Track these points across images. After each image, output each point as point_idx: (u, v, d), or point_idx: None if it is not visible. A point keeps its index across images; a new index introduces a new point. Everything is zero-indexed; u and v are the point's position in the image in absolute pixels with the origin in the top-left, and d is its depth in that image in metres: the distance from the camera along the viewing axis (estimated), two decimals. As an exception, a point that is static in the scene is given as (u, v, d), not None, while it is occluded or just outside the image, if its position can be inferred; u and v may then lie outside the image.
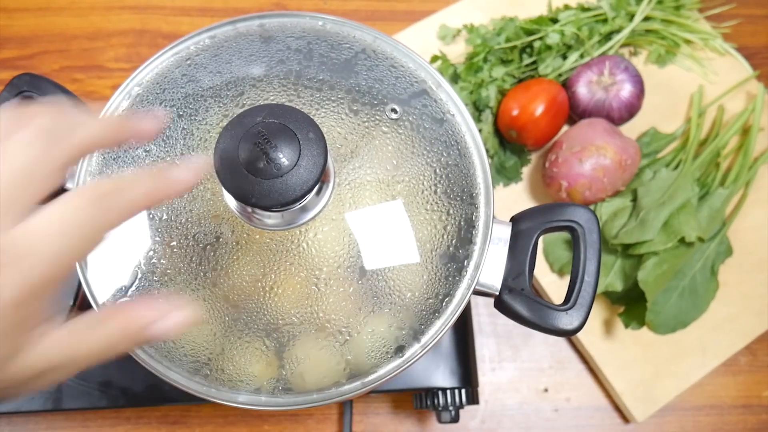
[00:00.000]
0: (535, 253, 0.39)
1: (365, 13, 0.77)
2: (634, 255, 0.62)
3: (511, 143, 0.69)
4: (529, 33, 0.70)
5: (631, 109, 0.67)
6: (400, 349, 0.37)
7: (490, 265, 0.38)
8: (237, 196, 0.30)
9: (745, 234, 0.67)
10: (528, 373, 0.65)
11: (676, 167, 0.67)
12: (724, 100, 0.72)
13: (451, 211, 0.38)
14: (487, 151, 0.68)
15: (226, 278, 0.37)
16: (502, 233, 0.39)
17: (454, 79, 0.70)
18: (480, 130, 0.67)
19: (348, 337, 0.37)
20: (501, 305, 0.38)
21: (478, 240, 0.38)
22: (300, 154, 0.31)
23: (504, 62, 0.70)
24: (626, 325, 0.62)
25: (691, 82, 0.73)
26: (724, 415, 0.64)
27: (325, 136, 0.32)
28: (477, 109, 0.68)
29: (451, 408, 0.54)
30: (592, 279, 0.37)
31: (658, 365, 0.63)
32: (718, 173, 0.67)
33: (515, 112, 0.65)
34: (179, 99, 0.39)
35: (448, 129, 0.40)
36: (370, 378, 0.37)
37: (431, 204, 0.38)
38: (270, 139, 0.31)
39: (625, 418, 0.64)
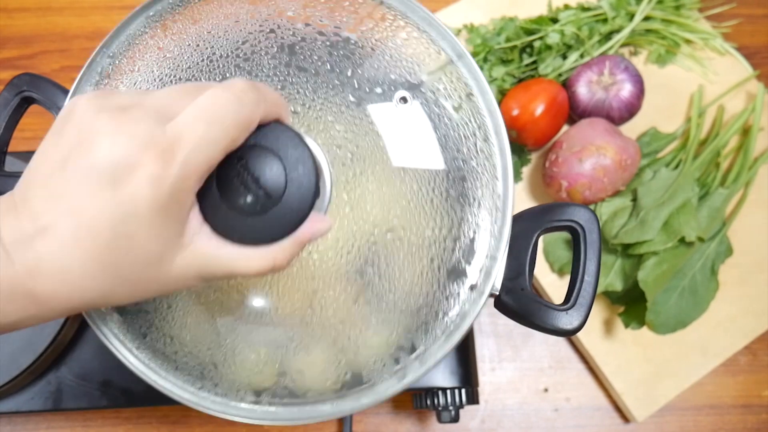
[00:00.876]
0: (535, 253, 0.38)
1: (365, 12, 0.77)
2: (634, 255, 0.62)
3: (511, 143, 0.68)
4: (529, 33, 0.70)
5: (631, 109, 0.67)
6: (402, 372, 0.35)
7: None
8: (218, 232, 0.27)
9: (745, 234, 0.67)
10: (528, 373, 0.65)
11: (676, 167, 0.67)
12: (724, 100, 0.72)
13: (464, 217, 0.35)
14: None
15: (227, 288, 0.35)
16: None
17: (454, 78, 0.70)
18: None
19: (353, 352, 0.35)
20: (501, 305, 0.38)
21: (500, 254, 0.35)
22: (286, 185, 0.27)
23: (504, 62, 0.70)
24: (626, 325, 0.62)
25: (691, 82, 0.73)
26: (724, 415, 0.64)
27: (322, 135, 0.29)
28: (477, 108, 0.68)
29: (451, 408, 0.54)
30: (592, 279, 0.37)
31: (658, 365, 0.63)
32: (718, 173, 0.67)
33: (515, 112, 0.65)
34: (155, 81, 0.35)
35: (466, 116, 0.35)
36: (376, 393, 0.35)
37: (441, 210, 0.35)
38: (250, 168, 0.27)
39: (625, 417, 0.64)
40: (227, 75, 0.35)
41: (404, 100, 0.35)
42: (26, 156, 0.54)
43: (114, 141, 0.24)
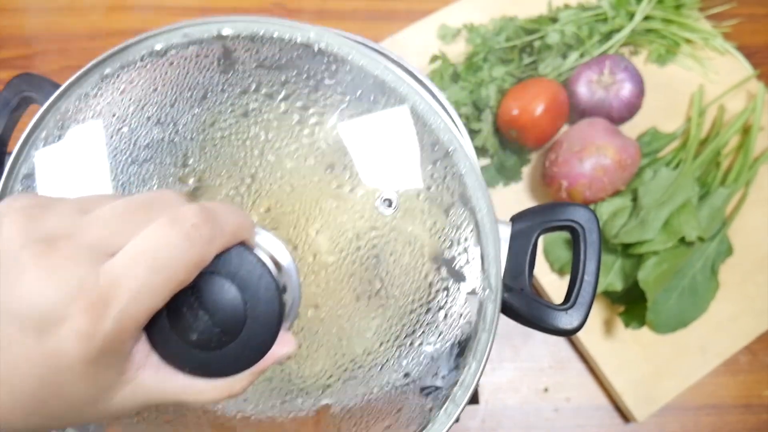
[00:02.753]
0: (535, 253, 0.38)
1: (365, 12, 0.77)
2: (634, 255, 0.62)
3: (511, 143, 0.68)
4: (529, 32, 0.70)
5: (631, 109, 0.67)
6: None
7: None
8: (167, 362, 0.24)
9: (745, 234, 0.67)
10: (528, 373, 0.65)
11: (677, 167, 0.67)
12: (725, 100, 0.72)
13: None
14: (487, 150, 0.68)
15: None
16: (502, 233, 0.38)
17: (454, 78, 0.70)
18: (479, 130, 0.67)
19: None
20: (501, 305, 0.38)
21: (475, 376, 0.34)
22: (245, 321, 0.24)
23: (504, 62, 0.70)
24: (626, 325, 0.62)
25: (692, 82, 0.73)
26: (724, 415, 0.64)
27: (294, 232, 0.26)
28: (477, 108, 0.68)
29: (451, 408, 0.54)
30: (592, 278, 0.37)
31: (659, 365, 0.63)
32: (719, 172, 0.67)
33: (515, 112, 0.65)
34: (109, 157, 0.31)
35: (456, 219, 0.32)
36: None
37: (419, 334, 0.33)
38: (204, 300, 0.24)
39: (625, 417, 0.64)
40: (189, 161, 0.31)
41: (389, 202, 0.32)
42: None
43: (40, 287, 0.21)
